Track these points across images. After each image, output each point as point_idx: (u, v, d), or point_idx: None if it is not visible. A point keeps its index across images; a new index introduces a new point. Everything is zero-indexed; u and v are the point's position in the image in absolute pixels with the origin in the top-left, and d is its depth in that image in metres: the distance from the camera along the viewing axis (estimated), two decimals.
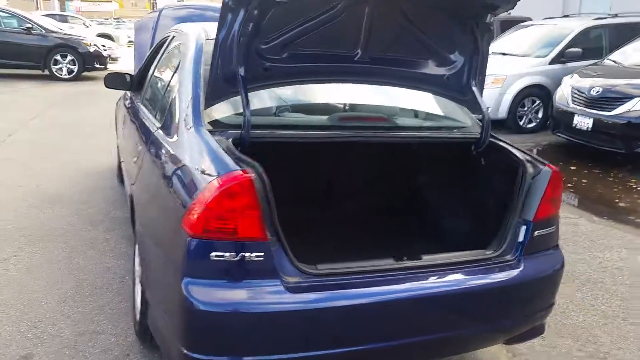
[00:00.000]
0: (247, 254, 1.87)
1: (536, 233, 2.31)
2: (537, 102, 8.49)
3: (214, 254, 1.85)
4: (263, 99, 2.68)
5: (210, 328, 1.88)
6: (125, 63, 13.41)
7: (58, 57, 12.55)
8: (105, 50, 13.50)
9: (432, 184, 3.30)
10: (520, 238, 2.30)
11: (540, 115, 8.55)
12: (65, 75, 12.64)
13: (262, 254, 1.89)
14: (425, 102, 2.98)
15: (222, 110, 2.38)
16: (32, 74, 12.92)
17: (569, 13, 11.24)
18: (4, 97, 10.11)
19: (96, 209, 4.52)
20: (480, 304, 2.21)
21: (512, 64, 8.60)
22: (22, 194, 4.82)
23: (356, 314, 2.00)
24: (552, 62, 8.48)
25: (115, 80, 3.95)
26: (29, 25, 12.29)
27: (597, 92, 6.74)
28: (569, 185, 6.01)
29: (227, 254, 1.85)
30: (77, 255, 3.67)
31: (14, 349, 2.64)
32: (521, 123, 8.50)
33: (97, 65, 12.94)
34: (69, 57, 12.61)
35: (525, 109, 8.48)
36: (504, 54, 9.12)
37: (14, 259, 3.58)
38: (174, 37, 3.31)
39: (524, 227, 2.30)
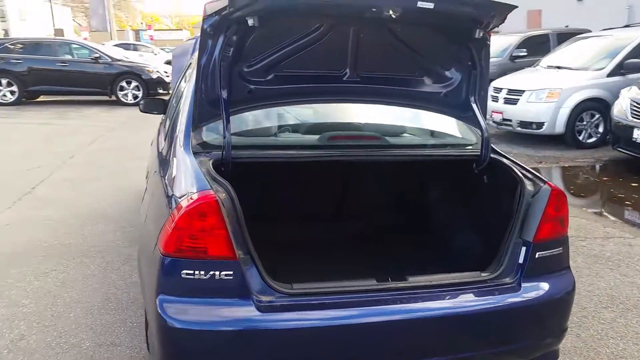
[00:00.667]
0: (217, 273, 1.87)
1: (538, 254, 2.18)
2: (597, 116, 8.07)
3: (184, 272, 1.88)
4: (253, 120, 2.72)
5: (183, 345, 1.90)
6: None
7: (123, 84, 13.33)
8: (167, 76, 14.15)
9: (432, 204, 3.20)
10: (520, 260, 2.18)
11: (600, 129, 8.12)
12: (130, 100, 13.36)
13: (232, 272, 1.89)
14: (425, 119, 2.91)
15: (212, 132, 2.42)
16: (101, 100, 13.77)
17: (634, 23, 10.66)
18: (73, 122, 10.82)
19: (136, 227, 4.70)
20: (475, 328, 2.09)
21: (568, 78, 8.25)
22: (74, 212, 5.11)
23: (331, 336, 1.95)
24: (611, 74, 8.05)
25: (150, 105, 4.13)
26: (97, 55, 13.15)
27: None
28: (627, 203, 5.64)
29: (197, 272, 1.87)
30: (112, 270, 3.82)
31: (37, 357, 2.78)
32: (580, 138, 8.10)
33: (160, 91, 13.60)
34: (134, 84, 13.36)
35: (584, 123, 8.08)
36: (559, 67, 8.77)
37: (53, 272, 3.78)
38: (191, 63, 3.44)
39: (523, 249, 2.18)
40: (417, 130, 2.97)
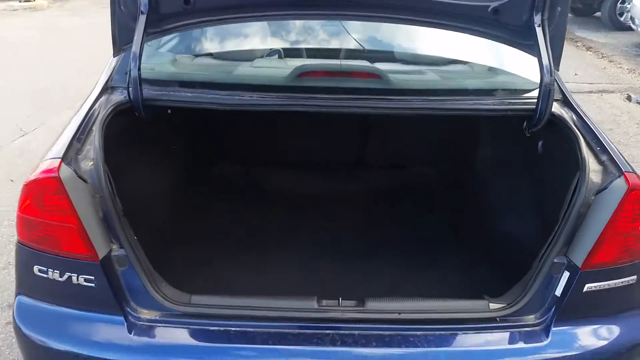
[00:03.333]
0: (74, 276, 1.40)
1: (588, 287, 1.39)
2: None
3: (36, 267, 1.43)
4: (195, 44, 2.04)
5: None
6: None
7: None
8: None
9: (447, 182, 2.35)
10: (558, 291, 1.41)
11: None
12: None
13: (93, 277, 1.40)
14: (463, 48, 1.97)
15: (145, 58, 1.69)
16: None
17: None
18: None
19: None
20: None
21: None
22: None
23: None
24: None
25: None
26: None
27: None
28: None
29: (50, 271, 1.42)
30: None
31: None
32: None
33: None
34: None
35: None
36: None
37: None
38: None
39: (565, 274, 1.40)
40: (445, 65, 2.01)
